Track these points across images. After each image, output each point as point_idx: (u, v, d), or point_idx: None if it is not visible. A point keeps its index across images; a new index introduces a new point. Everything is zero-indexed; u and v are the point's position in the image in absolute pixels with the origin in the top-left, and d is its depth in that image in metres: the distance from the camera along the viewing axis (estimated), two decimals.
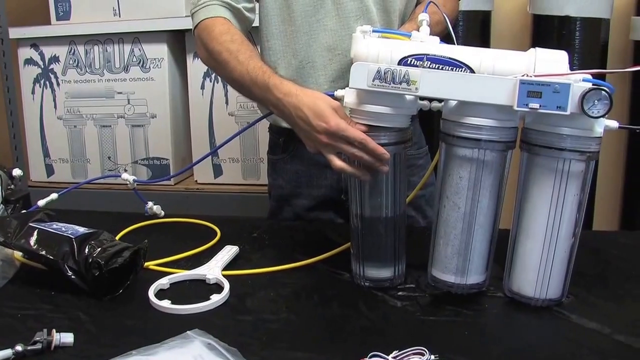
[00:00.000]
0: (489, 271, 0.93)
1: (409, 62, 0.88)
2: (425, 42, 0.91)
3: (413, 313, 0.89)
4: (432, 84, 0.85)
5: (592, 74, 0.82)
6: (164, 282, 0.96)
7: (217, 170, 1.96)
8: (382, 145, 0.90)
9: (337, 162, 0.92)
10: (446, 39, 0.96)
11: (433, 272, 0.94)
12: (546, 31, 1.82)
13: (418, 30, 0.92)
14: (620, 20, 1.86)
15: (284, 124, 1.25)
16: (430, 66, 0.87)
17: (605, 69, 1.83)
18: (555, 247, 0.86)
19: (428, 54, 0.87)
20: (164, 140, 1.94)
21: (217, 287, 0.96)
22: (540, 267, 0.87)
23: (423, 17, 0.96)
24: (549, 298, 0.89)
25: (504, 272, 0.93)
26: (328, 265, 1.04)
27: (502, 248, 0.93)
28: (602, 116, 0.79)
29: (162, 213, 1.30)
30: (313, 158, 1.26)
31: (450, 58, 0.87)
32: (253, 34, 1.29)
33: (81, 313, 0.88)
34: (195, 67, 1.89)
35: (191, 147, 1.98)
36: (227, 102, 1.90)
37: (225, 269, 1.01)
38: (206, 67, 1.87)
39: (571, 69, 0.83)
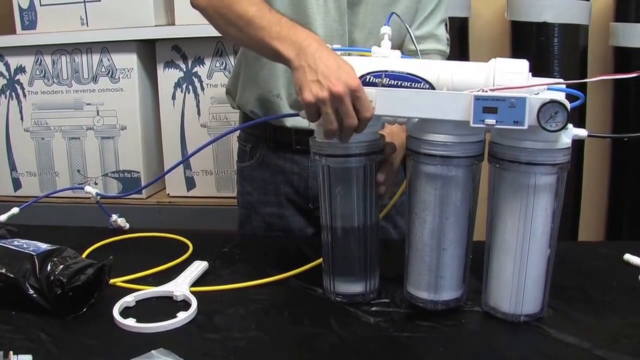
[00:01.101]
0: (465, 285, 0.91)
1: (367, 79, 0.87)
2: (387, 57, 0.90)
3: (386, 329, 0.86)
4: (388, 103, 0.83)
5: (551, 85, 0.80)
6: (129, 300, 0.93)
7: (190, 183, 1.93)
8: (353, 156, 0.88)
9: (335, 124, 0.85)
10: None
11: (408, 288, 0.92)
12: (525, 37, 1.83)
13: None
14: (599, 26, 1.87)
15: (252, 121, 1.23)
16: (389, 83, 0.86)
17: (585, 74, 1.83)
18: (528, 263, 0.84)
19: (387, 71, 0.86)
20: (134, 152, 1.90)
21: (185, 304, 0.93)
22: (514, 283, 0.85)
23: (385, 30, 0.94)
24: (525, 314, 0.86)
25: (482, 285, 0.91)
26: (300, 280, 1.02)
27: (481, 260, 0.91)
28: (560, 129, 0.76)
29: (127, 226, 1.28)
30: (279, 165, 1.26)
31: (408, 73, 0.85)
32: None
33: (42, 333, 0.84)
34: (166, 78, 1.86)
35: (163, 159, 1.94)
36: (199, 113, 1.87)
37: (193, 285, 0.98)
38: (177, 77, 1.85)
39: (551, 75, 0.81)
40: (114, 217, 1.25)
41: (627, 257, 1.09)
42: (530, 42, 1.81)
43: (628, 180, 1.83)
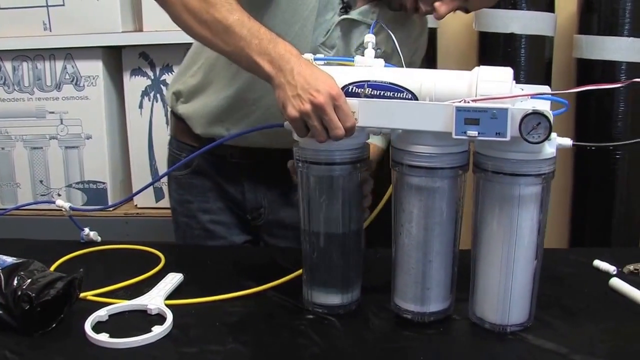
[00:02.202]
0: (452, 296, 0.90)
1: (350, 90, 0.86)
2: (370, 67, 0.89)
3: (367, 339, 0.85)
4: (370, 114, 0.83)
5: (535, 94, 0.81)
6: (102, 314, 0.89)
7: (159, 194, 1.89)
8: (337, 164, 0.87)
9: (324, 134, 0.84)
10: None
11: (395, 299, 0.91)
12: (492, 48, 1.84)
13: None
14: (563, 38, 1.90)
15: (189, 140, 1.24)
16: (372, 93, 0.85)
17: (550, 85, 1.86)
18: (514, 274, 0.84)
19: (369, 81, 0.85)
20: (100, 162, 1.85)
21: (160, 318, 0.90)
22: (500, 294, 0.85)
23: (369, 38, 0.94)
24: (513, 324, 0.86)
25: (463, 295, 0.91)
26: (277, 291, 0.99)
27: (466, 269, 0.90)
28: (543, 141, 0.76)
29: (99, 239, 1.24)
30: (215, 176, 1.26)
31: (391, 83, 0.85)
32: None
33: (8, 352, 0.81)
34: (133, 85, 1.82)
35: (130, 169, 1.90)
36: (167, 122, 1.83)
37: (168, 298, 0.95)
38: (144, 85, 1.81)
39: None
40: (86, 230, 1.22)
41: (597, 263, 1.10)
42: (497, 52, 1.82)
43: (591, 189, 1.86)
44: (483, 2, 1.12)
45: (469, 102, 0.77)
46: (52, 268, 1.06)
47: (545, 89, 0.86)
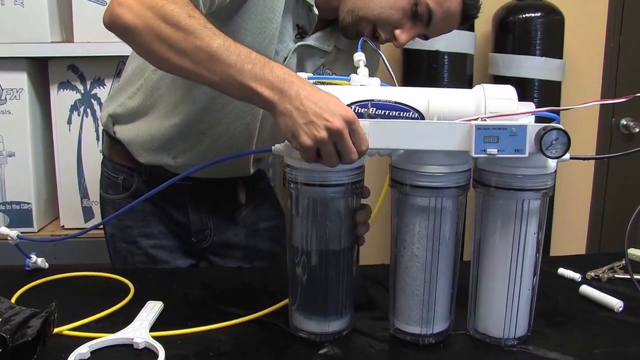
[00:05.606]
0: (452, 315, 0.90)
1: (353, 110, 0.82)
2: (367, 85, 0.86)
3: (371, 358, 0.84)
4: (383, 135, 0.79)
5: (538, 111, 0.83)
6: (83, 351, 0.82)
7: (88, 213, 1.77)
8: (333, 186, 0.84)
9: (337, 160, 0.79)
10: None
11: (396, 323, 0.89)
12: (416, 64, 1.89)
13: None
14: (481, 56, 1.99)
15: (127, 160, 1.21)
16: (376, 112, 0.82)
17: None
18: (521, 287, 0.85)
19: (373, 100, 0.83)
20: (24, 182, 1.71)
21: (149, 353, 0.83)
22: (507, 309, 0.86)
23: (359, 57, 0.92)
24: (518, 337, 0.87)
25: (463, 310, 0.91)
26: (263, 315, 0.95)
27: (461, 285, 0.90)
28: (562, 156, 0.78)
29: (47, 266, 1.15)
30: (157, 199, 1.20)
31: (396, 102, 0.82)
32: None
33: None
34: (61, 99, 1.70)
35: (57, 189, 1.77)
36: (98, 139, 1.73)
37: (150, 329, 0.89)
38: (74, 100, 1.70)
39: None
40: (33, 257, 1.12)
41: (562, 271, 1.15)
42: (421, 69, 1.87)
43: None
44: (443, 30, 1.12)
45: (485, 120, 0.78)
46: (13, 301, 0.96)
47: (530, 105, 0.88)
